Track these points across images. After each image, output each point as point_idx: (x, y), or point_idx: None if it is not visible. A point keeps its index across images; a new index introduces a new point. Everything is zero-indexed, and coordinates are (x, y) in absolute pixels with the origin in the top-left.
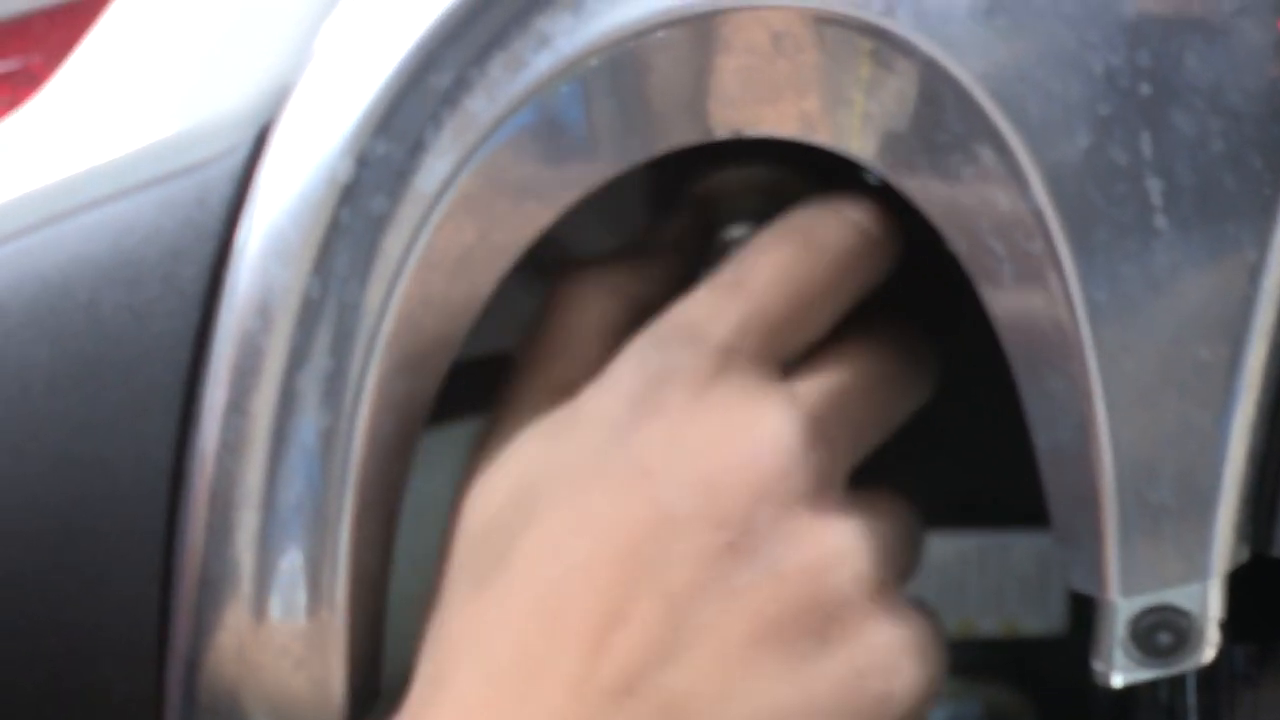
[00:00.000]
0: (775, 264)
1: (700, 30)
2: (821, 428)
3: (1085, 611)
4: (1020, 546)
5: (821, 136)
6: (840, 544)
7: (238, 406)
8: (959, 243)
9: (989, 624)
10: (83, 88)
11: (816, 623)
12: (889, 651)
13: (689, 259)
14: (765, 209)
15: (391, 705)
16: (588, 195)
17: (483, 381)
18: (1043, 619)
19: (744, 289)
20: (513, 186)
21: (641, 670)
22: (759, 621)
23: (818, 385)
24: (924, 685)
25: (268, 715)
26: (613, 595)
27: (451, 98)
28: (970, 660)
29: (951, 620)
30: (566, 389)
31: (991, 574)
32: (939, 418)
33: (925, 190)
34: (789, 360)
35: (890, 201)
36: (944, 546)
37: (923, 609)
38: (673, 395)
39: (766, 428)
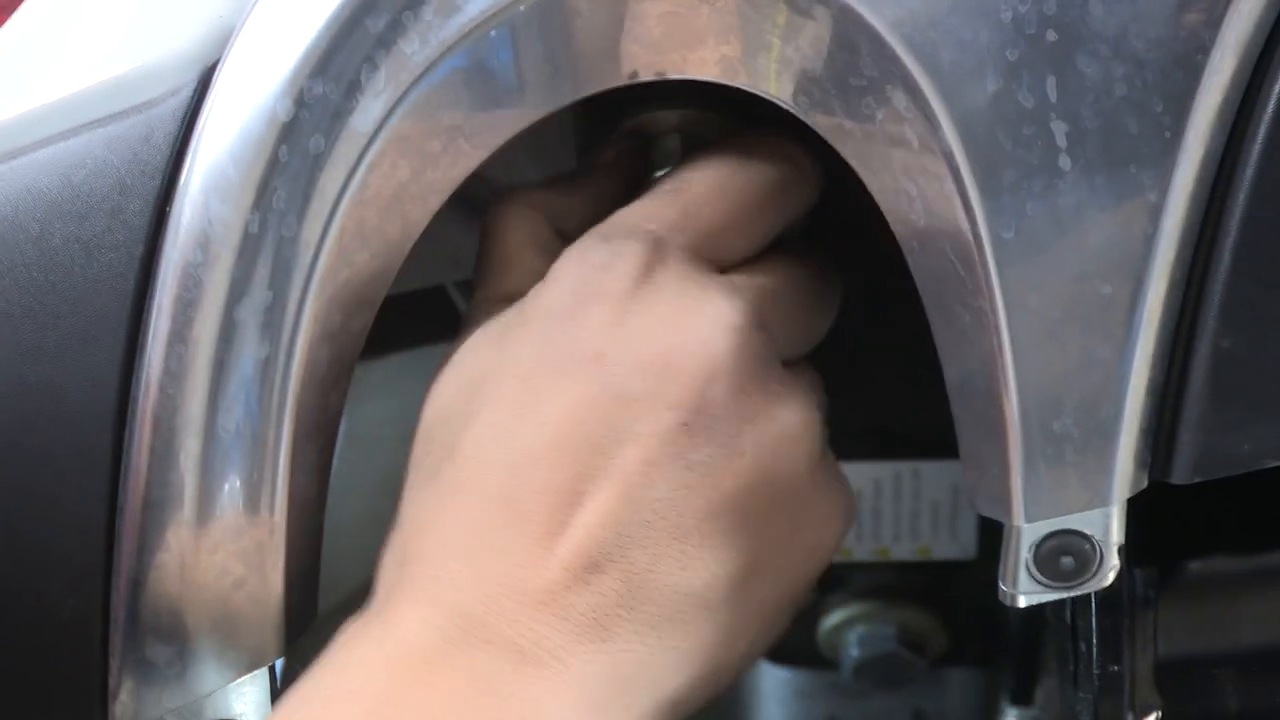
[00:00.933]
0: (712, 176)
1: None
2: (761, 314)
3: (995, 537)
4: (933, 475)
5: (741, 79)
6: (793, 421)
7: (180, 336)
8: (872, 182)
9: (903, 549)
10: (36, 31)
11: (769, 495)
12: (826, 513)
13: (623, 183)
14: (692, 149)
15: (328, 625)
16: (517, 135)
17: (416, 314)
18: (954, 544)
19: (681, 194)
20: (444, 127)
21: (603, 548)
22: (716, 496)
23: (753, 279)
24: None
25: (208, 632)
26: (566, 477)
27: (386, 41)
28: (885, 583)
29: (868, 546)
30: (512, 298)
31: (906, 502)
32: (856, 354)
33: (840, 131)
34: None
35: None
36: (861, 476)
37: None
38: (613, 283)
39: (714, 310)
